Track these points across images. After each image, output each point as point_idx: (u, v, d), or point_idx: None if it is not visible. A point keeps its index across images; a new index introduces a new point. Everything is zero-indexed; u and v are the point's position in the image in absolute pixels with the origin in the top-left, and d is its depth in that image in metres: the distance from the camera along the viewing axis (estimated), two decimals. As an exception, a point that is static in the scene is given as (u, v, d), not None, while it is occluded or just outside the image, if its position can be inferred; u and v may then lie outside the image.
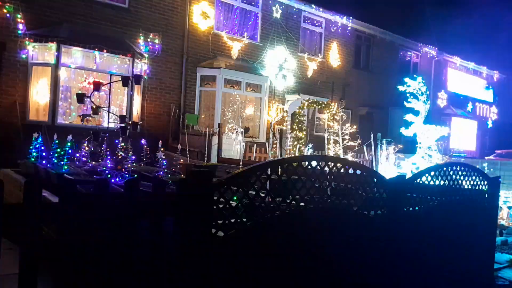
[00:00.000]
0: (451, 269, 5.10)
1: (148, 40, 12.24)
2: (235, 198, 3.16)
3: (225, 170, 7.52)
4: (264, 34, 15.10)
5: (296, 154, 12.32)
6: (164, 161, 5.98)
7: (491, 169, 12.60)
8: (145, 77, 12.08)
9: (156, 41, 12.39)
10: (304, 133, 13.42)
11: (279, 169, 3.55)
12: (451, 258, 5.10)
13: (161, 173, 5.78)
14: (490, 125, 26.87)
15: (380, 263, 4.27)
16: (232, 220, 3.11)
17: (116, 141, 7.16)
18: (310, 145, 12.77)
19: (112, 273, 2.81)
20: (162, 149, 6.58)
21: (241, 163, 8.80)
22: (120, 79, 8.38)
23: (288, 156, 11.50)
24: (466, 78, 24.75)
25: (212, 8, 13.64)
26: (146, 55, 12.10)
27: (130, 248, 2.86)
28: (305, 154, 12.04)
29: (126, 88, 10.43)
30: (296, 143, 13.01)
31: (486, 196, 5.68)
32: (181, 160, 8.07)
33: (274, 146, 12.92)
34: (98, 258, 2.77)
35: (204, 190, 2.88)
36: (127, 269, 2.86)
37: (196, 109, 13.33)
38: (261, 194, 3.36)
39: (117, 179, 5.38)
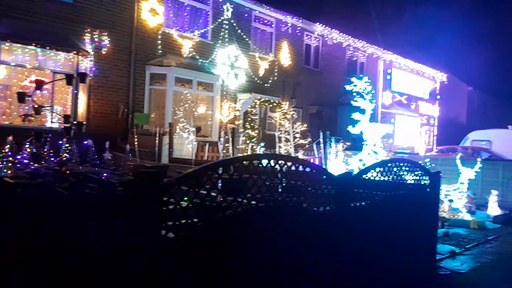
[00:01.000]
0: (396, 260, 5.32)
1: (94, 36, 11.82)
2: (185, 198, 3.12)
3: (176, 170, 7.40)
4: (215, 32, 15.03)
5: (249, 153, 12.38)
6: (111, 162, 5.81)
7: (433, 165, 13.26)
8: (91, 75, 11.66)
9: (103, 38, 11.99)
10: (257, 131, 13.50)
11: (231, 168, 3.56)
12: (396, 250, 5.32)
13: (107, 174, 5.60)
14: (432, 122, 28.31)
15: (331, 257, 4.38)
16: (183, 221, 3.08)
17: (60, 142, 6.87)
18: (262, 144, 12.87)
19: (60, 277, 2.70)
20: (109, 149, 6.38)
21: (193, 162, 8.71)
22: (63, 77, 8.03)
23: (241, 155, 11.53)
24: (410, 78, 25.92)
25: (161, 5, 13.39)
26: (92, 52, 11.68)
27: (76, 252, 2.75)
28: (258, 152, 12.12)
29: (71, 86, 10.03)
30: (248, 141, 13.07)
31: (428, 190, 5.98)
32: (130, 161, 7.88)
33: (227, 145, 12.90)
34: (44, 262, 2.65)
35: (153, 191, 2.82)
36: (76, 273, 2.76)
37: (146, 108, 13.03)
38: (212, 193, 3.34)
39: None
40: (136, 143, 9.72)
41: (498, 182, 13.31)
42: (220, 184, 3.64)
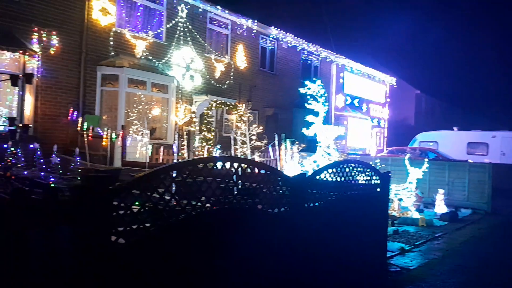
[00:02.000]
0: (349, 258, 5.46)
1: (42, 36, 11.29)
2: (137, 203, 3.05)
3: (129, 174, 7.23)
4: (169, 33, 14.81)
5: (205, 155, 12.29)
6: (59, 166, 5.57)
7: (383, 165, 13.72)
8: (39, 75, 11.15)
9: (51, 37, 11.48)
10: (213, 134, 13.43)
11: (185, 171, 3.51)
12: (349, 248, 5.46)
13: (54, 179, 5.38)
14: (382, 124, 29.33)
15: (285, 258, 4.43)
16: (134, 227, 3.00)
17: (5, 145, 6.52)
18: (219, 146, 12.81)
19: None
20: (58, 153, 6.12)
21: (147, 166, 8.53)
22: (8, 78, 7.63)
23: (197, 157, 11.42)
24: (362, 81, 26.73)
25: (113, 4, 13.03)
26: (40, 52, 11.16)
27: (19, 260, 2.61)
28: (214, 155, 12.05)
29: (17, 87, 9.56)
30: (204, 144, 12.97)
31: (378, 189, 6.18)
32: (81, 165, 7.60)
33: (182, 147, 12.74)
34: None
35: (102, 196, 2.74)
36: (18, 283, 2.62)
37: (97, 110, 12.62)
38: (165, 197, 3.28)
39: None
40: (86, 146, 9.39)
41: (445, 181, 13.98)
42: (174, 188, 3.58)
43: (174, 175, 3.42)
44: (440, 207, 12.30)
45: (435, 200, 12.62)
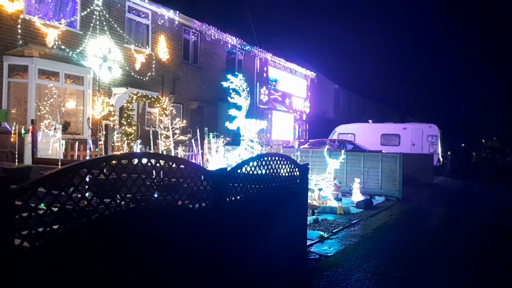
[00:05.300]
0: (271, 248, 5.58)
1: None
2: (43, 204, 2.84)
3: (40, 172, 6.75)
4: (84, 22, 13.99)
5: (125, 151, 11.82)
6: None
7: (303, 157, 14.20)
8: None
9: None
10: (134, 128, 12.95)
11: (96, 169, 3.34)
12: (271, 238, 5.58)
13: None
14: (304, 117, 30.32)
15: (209, 251, 4.40)
16: (41, 229, 2.80)
17: None
18: (139, 141, 12.39)
19: None
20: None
21: (60, 163, 8.02)
22: None
23: (115, 153, 10.95)
24: (284, 76, 27.37)
25: (21, -11, 12.01)
26: None
27: None
28: (135, 150, 11.64)
29: None
30: (125, 139, 12.47)
31: (298, 181, 6.37)
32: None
33: (100, 143, 12.14)
34: None
35: (1, 198, 2.52)
36: None
37: (4, 103, 11.60)
38: (77, 196, 3.10)
39: None
40: (-9, 142, 8.60)
41: (360, 171, 14.79)
42: (86, 186, 3.39)
43: (85, 171, 3.24)
44: (357, 195, 13.00)
45: (352, 189, 13.31)
